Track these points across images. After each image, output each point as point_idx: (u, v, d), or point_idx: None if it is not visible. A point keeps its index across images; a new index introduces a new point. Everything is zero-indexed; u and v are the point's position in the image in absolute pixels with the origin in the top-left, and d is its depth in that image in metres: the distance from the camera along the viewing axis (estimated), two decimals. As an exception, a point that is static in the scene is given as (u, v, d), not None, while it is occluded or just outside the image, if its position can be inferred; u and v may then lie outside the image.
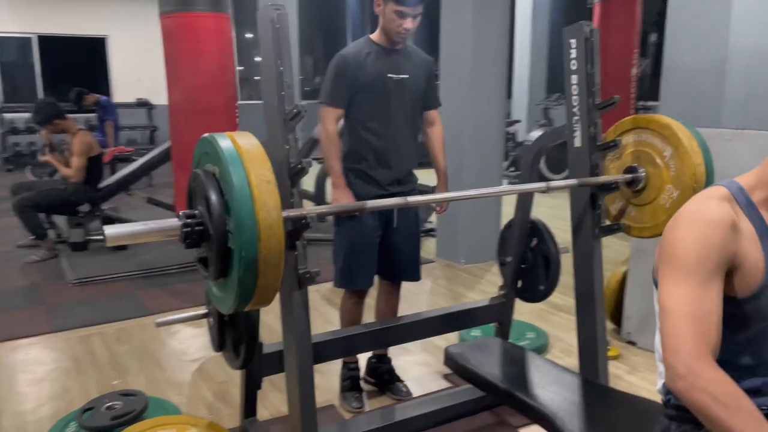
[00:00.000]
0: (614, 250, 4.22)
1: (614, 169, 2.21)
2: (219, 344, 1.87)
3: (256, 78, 11.59)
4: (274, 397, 2.46)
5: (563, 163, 5.32)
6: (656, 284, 1.15)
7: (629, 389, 2.52)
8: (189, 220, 1.37)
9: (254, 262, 1.30)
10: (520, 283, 2.50)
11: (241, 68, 10.96)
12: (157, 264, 4.11)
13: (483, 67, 4.00)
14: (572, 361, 2.80)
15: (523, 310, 3.41)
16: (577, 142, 2.13)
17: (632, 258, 2.95)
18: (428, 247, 4.59)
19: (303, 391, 1.69)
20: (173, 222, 1.38)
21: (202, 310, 1.89)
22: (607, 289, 3.08)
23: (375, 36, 2.35)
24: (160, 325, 1.81)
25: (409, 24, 2.25)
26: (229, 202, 1.31)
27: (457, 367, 2.04)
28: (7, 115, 9.51)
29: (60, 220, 4.77)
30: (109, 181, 4.94)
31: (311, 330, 1.74)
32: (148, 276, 3.98)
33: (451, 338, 2.97)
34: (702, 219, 1.08)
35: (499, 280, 2.53)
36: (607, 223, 2.19)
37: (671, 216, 1.93)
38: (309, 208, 1.58)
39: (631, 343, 2.97)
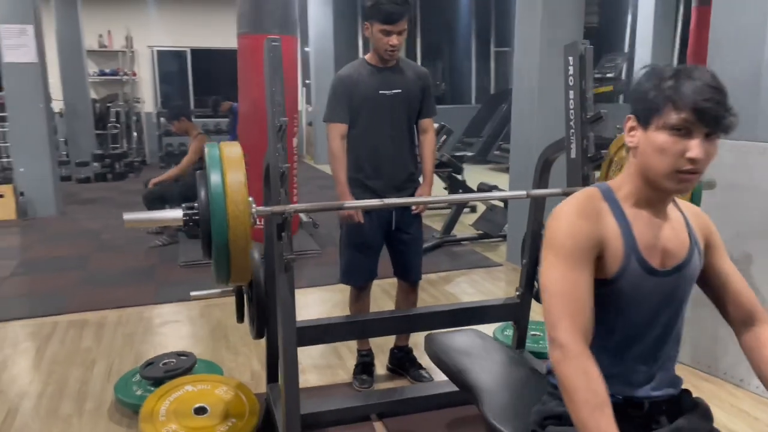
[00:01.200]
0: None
1: (615, 180, 2.31)
2: (239, 317, 2.26)
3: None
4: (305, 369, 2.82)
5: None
6: None
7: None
8: (188, 212, 1.76)
9: (225, 246, 1.66)
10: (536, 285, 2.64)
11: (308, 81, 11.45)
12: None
13: (552, 76, 4.07)
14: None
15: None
16: (573, 153, 2.25)
17: (670, 270, 2.94)
18: (500, 251, 4.73)
19: (287, 360, 2.00)
20: (178, 212, 1.78)
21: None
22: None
23: (368, 57, 2.59)
24: (194, 297, 2.23)
25: (395, 40, 2.46)
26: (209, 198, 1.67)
27: (430, 353, 2.21)
28: (164, 119, 10.86)
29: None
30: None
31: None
32: None
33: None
34: (573, 212, 1.25)
35: None
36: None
37: None
38: (291, 205, 1.90)
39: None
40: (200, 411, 2.30)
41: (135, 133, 10.39)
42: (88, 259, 4.80)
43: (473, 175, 6.40)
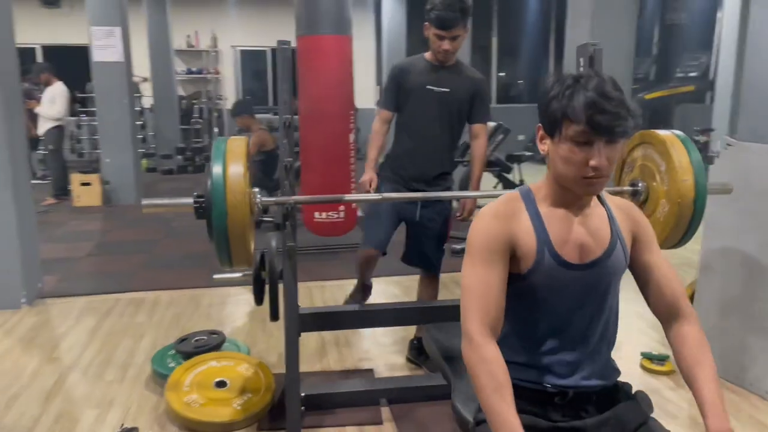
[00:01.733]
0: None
1: (626, 182, 2.31)
2: (257, 300, 2.43)
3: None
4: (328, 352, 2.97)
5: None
6: None
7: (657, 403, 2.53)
8: (198, 199, 1.94)
9: (224, 231, 1.82)
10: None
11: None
12: (303, 244, 4.87)
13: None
14: (627, 368, 2.86)
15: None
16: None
17: (700, 275, 2.87)
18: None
19: (289, 343, 2.16)
20: (189, 200, 1.96)
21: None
22: (675, 304, 3.02)
23: (427, 54, 2.72)
24: (216, 279, 2.43)
25: (447, 45, 2.58)
26: (212, 187, 1.85)
27: (426, 343, 2.29)
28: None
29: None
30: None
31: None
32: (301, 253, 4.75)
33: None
34: (489, 214, 1.34)
35: (621, 295, 2.70)
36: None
37: (665, 229, 2.06)
38: (293, 197, 2.05)
39: (694, 362, 2.88)
40: (220, 384, 2.50)
41: (216, 129, 10.95)
42: (156, 243, 5.18)
43: (539, 175, 6.33)
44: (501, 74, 12.80)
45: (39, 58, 10.94)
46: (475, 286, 1.30)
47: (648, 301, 1.43)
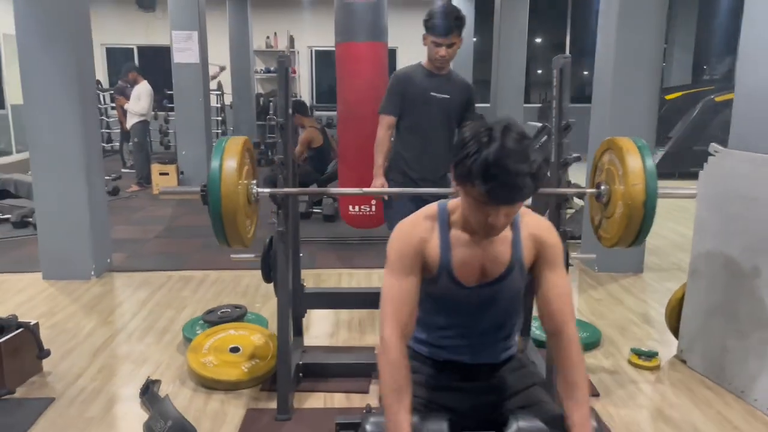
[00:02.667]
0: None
1: (594, 184, 2.49)
2: (265, 277, 2.78)
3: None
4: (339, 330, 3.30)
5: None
6: None
7: (631, 393, 2.69)
8: (203, 188, 2.31)
9: (219, 216, 2.18)
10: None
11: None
12: (342, 235, 5.24)
13: (627, 82, 4.10)
14: (614, 362, 3.02)
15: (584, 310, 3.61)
16: (553, 158, 2.47)
17: (689, 278, 2.96)
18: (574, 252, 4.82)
19: (281, 317, 2.49)
20: (196, 188, 2.34)
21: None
22: (668, 304, 3.13)
23: (424, 62, 2.96)
24: (234, 259, 2.81)
25: (443, 52, 2.81)
26: (211, 178, 2.21)
27: None
28: (317, 113, 11.92)
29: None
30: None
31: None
32: (333, 242, 5.13)
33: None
34: (406, 227, 1.54)
35: (620, 292, 2.95)
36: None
37: (619, 229, 2.27)
38: (284, 189, 2.38)
39: (683, 361, 2.99)
40: (234, 350, 2.88)
41: (290, 125, 11.53)
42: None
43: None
44: (585, 73, 12.64)
45: (135, 57, 11.94)
46: (390, 294, 1.47)
47: (539, 313, 1.55)
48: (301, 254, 2.94)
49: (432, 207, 1.56)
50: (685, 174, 8.43)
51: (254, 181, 2.37)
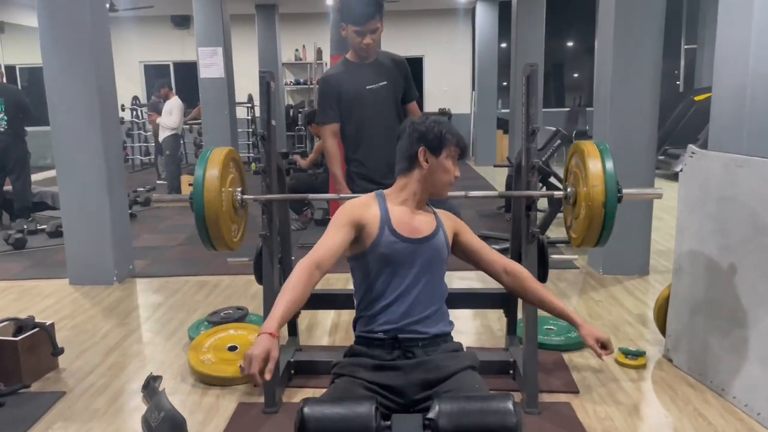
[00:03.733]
0: None
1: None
2: (257, 278, 2.95)
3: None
4: (333, 333, 3.45)
5: None
6: None
7: (610, 390, 2.75)
8: (191, 195, 2.49)
9: (203, 221, 2.36)
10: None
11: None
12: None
13: (628, 78, 4.12)
14: (600, 361, 3.07)
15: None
16: (523, 161, 2.57)
17: (673, 277, 3.00)
18: (587, 255, 4.84)
19: (267, 310, 2.65)
20: (186, 196, 2.52)
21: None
22: (656, 303, 3.16)
23: (349, 55, 2.87)
24: (230, 262, 2.99)
25: (368, 40, 2.75)
26: (197, 186, 2.39)
27: None
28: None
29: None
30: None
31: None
32: None
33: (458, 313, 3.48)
34: (346, 205, 1.89)
35: (622, 294, 3.36)
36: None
37: (582, 230, 2.36)
38: (266, 195, 2.55)
39: (669, 360, 3.02)
40: (232, 348, 3.06)
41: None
42: (236, 237, 5.93)
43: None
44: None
45: (171, 73, 12.42)
46: (322, 239, 1.81)
47: (484, 269, 2.02)
48: (293, 257, 3.09)
49: (371, 193, 1.98)
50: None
51: (239, 189, 2.54)
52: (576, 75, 13.85)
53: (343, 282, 4.43)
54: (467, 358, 1.84)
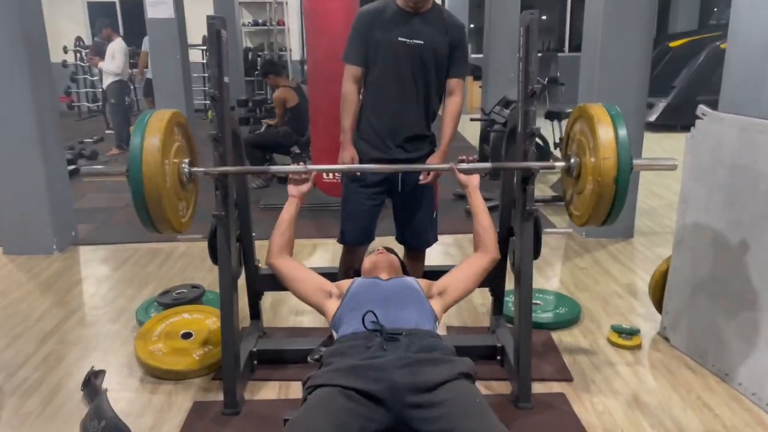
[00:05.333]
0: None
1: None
2: (212, 258, 2.58)
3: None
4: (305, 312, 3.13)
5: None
6: None
7: (606, 377, 2.51)
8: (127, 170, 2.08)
9: (141, 199, 1.97)
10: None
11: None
12: (323, 201, 4.99)
13: (618, 34, 3.78)
14: (592, 341, 2.84)
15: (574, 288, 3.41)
16: (520, 127, 2.22)
17: (674, 251, 2.75)
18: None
19: (224, 301, 2.30)
20: (121, 169, 2.10)
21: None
22: (652, 278, 2.92)
23: None
24: (179, 239, 2.60)
25: None
26: (133, 159, 1.98)
27: None
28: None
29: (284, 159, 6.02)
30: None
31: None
32: (312, 209, 4.84)
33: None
34: None
35: (607, 259, 3.19)
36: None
37: (588, 208, 2.03)
38: (220, 168, 2.15)
39: (665, 338, 2.80)
40: (186, 336, 2.71)
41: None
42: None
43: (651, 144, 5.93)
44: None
45: (118, 12, 11.52)
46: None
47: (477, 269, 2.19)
48: (254, 233, 2.72)
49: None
50: (687, 126, 8.03)
51: (187, 160, 2.14)
52: (545, 17, 13.36)
53: (309, 250, 4.09)
54: (462, 364, 1.65)
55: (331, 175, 4.25)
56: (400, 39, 2.39)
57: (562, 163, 2.16)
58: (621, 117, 1.99)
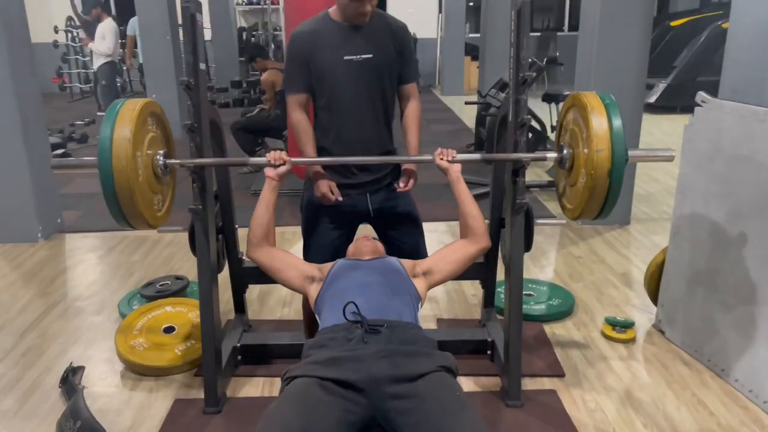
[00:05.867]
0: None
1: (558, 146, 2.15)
2: (192, 250, 2.50)
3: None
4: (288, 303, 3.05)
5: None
6: None
7: (600, 372, 2.44)
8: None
9: (112, 193, 1.88)
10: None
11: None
12: (297, 187, 4.86)
13: (617, 12, 3.66)
14: (585, 334, 2.77)
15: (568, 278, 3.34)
16: (510, 117, 2.12)
17: (670, 241, 2.67)
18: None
19: (203, 294, 2.22)
20: (92, 158, 2.01)
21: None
22: (648, 269, 2.85)
23: (332, 11, 2.18)
24: (160, 231, 2.52)
25: (368, 7, 2.09)
26: (103, 151, 1.89)
27: None
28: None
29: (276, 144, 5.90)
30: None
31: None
32: (293, 195, 4.72)
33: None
34: None
35: (603, 248, 3.07)
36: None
37: (581, 202, 1.95)
38: (196, 160, 2.06)
39: (661, 331, 2.74)
40: (169, 330, 2.63)
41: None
42: (182, 181, 5.38)
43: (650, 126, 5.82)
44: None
45: (109, -10, 11.30)
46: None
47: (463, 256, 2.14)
48: (237, 225, 2.64)
49: None
50: (687, 108, 7.94)
51: (162, 152, 2.05)
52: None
53: (299, 237, 4.00)
54: (443, 358, 1.66)
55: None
56: (346, 58, 2.16)
57: (554, 154, 2.07)
58: (616, 106, 1.90)
